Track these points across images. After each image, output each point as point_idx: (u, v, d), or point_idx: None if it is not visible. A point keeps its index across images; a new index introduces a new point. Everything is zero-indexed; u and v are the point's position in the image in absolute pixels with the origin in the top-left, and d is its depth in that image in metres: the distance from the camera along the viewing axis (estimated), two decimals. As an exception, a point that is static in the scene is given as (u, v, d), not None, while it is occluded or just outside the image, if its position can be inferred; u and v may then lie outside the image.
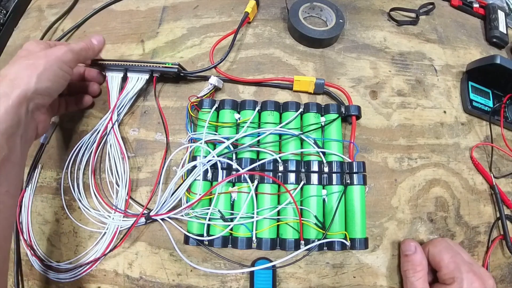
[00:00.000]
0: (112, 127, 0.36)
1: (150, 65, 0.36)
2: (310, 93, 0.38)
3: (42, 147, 0.38)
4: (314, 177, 0.32)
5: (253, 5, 0.41)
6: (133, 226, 0.32)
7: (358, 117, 0.36)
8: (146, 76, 0.37)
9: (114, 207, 0.34)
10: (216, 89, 0.38)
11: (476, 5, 0.49)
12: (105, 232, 0.33)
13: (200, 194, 0.31)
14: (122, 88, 0.37)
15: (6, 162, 0.25)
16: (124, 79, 0.37)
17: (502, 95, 0.42)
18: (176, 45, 0.42)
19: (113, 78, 0.37)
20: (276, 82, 0.38)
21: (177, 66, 0.36)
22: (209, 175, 0.33)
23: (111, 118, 0.36)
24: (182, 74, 0.37)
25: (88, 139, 0.36)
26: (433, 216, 0.36)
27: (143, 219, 0.32)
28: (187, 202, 0.32)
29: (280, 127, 0.33)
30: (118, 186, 0.34)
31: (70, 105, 0.37)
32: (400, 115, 0.39)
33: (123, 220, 0.33)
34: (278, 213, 0.32)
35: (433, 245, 0.31)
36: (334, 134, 0.34)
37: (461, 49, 0.45)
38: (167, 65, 0.36)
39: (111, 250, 0.32)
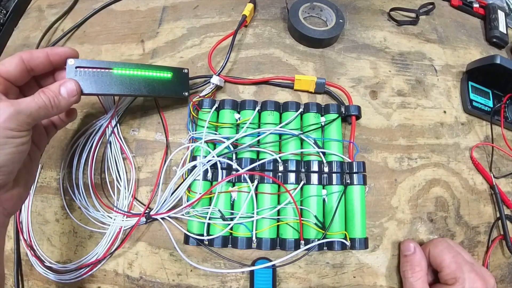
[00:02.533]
0: (113, 130, 0.35)
1: (152, 95, 0.34)
2: (311, 93, 0.38)
3: (42, 147, 0.38)
4: (314, 177, 0.32)
5: (251, 8, 0.41)
6: (135, 227, 0.32)
7: (358, 117, 0.36)
8: None
9: (115, 208, 0.34)
10: (218, 88, 0.38)
11: (476, 5, 0.49)
12: (106, 233, 0.33)
13: (200, 193, 0.31)
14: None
15: None
16: None
17: (502, 95, 0.42)
18: (176, 45, 0.42)
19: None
20: (277, 81, 0.38)
21: (187, 95, 0.35)
22: (209, 175, 0.33)
23: (109, 123, 0.35)
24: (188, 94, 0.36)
25: (88, 139, 0.36)
26: (433, 216, 0.36)
27: (143, 219, 0.32)
28: (187, 201, 0.32)
29: (280, 127, 0.33)
30: (120, 186, 0.34)
31: (59, 124, 0.31)
32: (400, 115, 0.39)
33: (124, 221, 0.33)
34: (278, 213, 0.32)
35: (433, 246, 0.31)
36: (334, 134, 0.34)
37: (461, 49, 0.45)
38: (175, 95, 0.35)
39: (112, 252, 0.32)
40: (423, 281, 0.30)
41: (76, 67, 0.29)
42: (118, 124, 0.36)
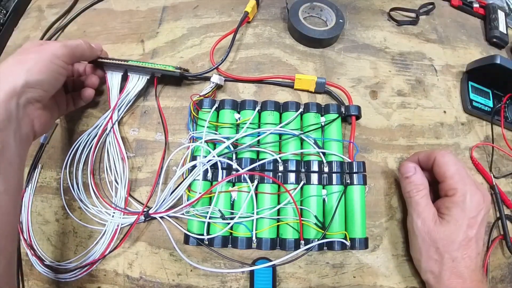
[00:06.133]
0: (112, 126, 0.35)
1: (152, 68, 0.36)
2: (311, 92, 0.38)
3: (42, 147, 0.38)
4: (314, 177, 0.32)
5: (253, 4, 0.41)
6: (134, 225, 0.32)
7: (358, 117, 0.36)
8: (147, 77, 0.37)
9: (113, 205, 0.34)
10: (218, 87, 0.38)
11: (476, 5, 0.49)
12: (105, 231, 0.33)
13: (200, 193, 0.31)
14: (122, 87, 0.37)
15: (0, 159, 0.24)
16: (124, 77, 0.37)
17: (502, 95, 0.42)
18: (176, 45, 0.42)
19: (113, 77, 0.37)
20: (277, 80, 0.38)
21: (179, 71, 0.36)
22: (209, 175, 0.33)
23: (111, 117, 0.36)
24: (184, 77, 0.37)
25: (87, 138, 0.36)
26: (433, 216, 0.36)
27: (142, 218, 0.32)
28: (187, 201, 0.32)
29: (280, 127, 0.33)
30: (118, 184, 0.34)
31: (77, 101, 0.36)
32: (400, 115, 0.39)
33: (122, 218, 0.33)
34: (278, 213, 0.32)
35: (441, 155, 0.31)
36: (334, 134, 0.34)
37: (461, 49, 0.45)
38: (169, 69, 0.35)
39: (112, 250, 0.32)
40: (428, 197, 0.30)
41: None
42: (117, 124, 0.36)
